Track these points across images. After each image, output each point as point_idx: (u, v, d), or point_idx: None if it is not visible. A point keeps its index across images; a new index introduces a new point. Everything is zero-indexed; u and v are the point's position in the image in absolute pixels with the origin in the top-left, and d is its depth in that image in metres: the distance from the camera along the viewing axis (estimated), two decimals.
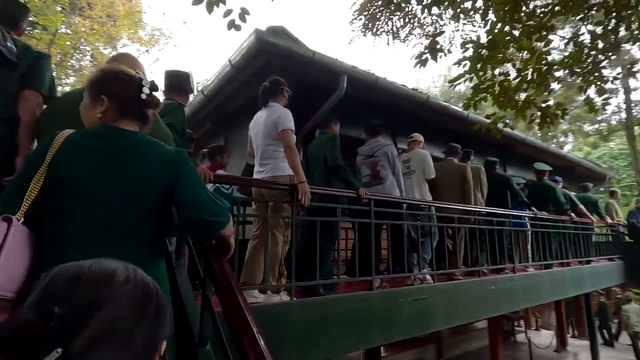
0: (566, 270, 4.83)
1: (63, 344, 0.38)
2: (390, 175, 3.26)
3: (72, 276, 0.45)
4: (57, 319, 0.40)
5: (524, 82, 3.70)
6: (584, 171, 9.13)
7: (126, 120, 1.09)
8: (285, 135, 2.48)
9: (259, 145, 2.61)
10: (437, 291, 3.02)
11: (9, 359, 0.38)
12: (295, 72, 3.65)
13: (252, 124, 2.76)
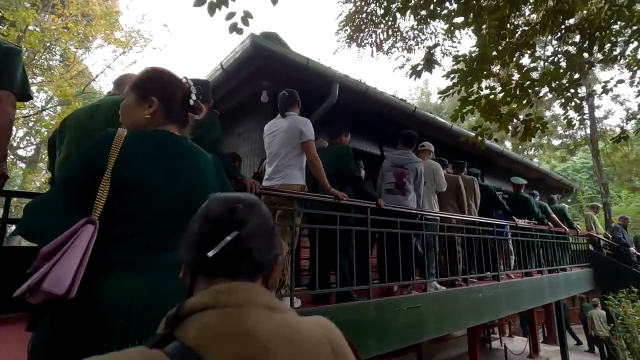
0: (544, 278, 5.02)
1: (238, 230, 0.61)
2: (412, 190, 3.32)
3: (236, 199, 0.67)
4: (235, 214, 0.63)
5: (508, 96, 3.86)
6: (554, 183, 9.60)
7: (172, 124, 1.09)
8: (310, 145, 2.55)
9: (275, 152, 2.63)
10: (429, 299, 3.04)
11: (209, 231, 0.62)
12: (288, 78, 3.64)
13: (268, 131, 2.76)
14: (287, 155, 2.56)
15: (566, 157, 15.13)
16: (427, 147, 4.01)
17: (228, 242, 0.59)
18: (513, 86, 3.80)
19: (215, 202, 0.66)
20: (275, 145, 2.63)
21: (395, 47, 8.46)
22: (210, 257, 0.58)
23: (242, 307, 0.55)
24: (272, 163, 2.63)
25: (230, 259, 0.60)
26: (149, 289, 0.89)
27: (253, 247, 0.62)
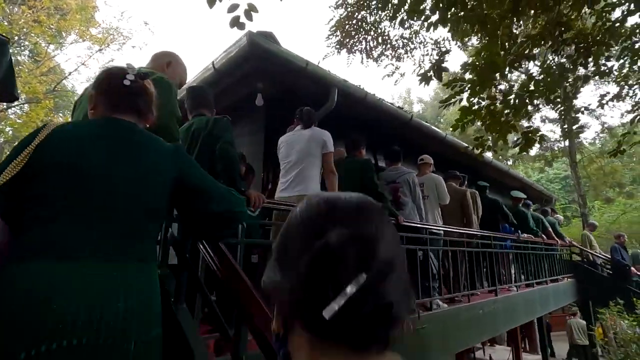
0: (536, 290, 5.00)
1: (365, 270, 0.39)
2: (410, 202, 3.29)
3: (357, 206, 0.46)
4: (370, 243, 0.41)
5: (507, 107, 3.82)
6: (536, 193, 9.80)
7: (121, 112, 1.05)
8: (331, 157, 2.58)
9: (294, 162, 2.59)
10: (434, 319, 2.87)
11: (323, 280, 0.38)
12: (286, 81, 3.44)
13: (284, 143, 2.75)
14: (308, 165, 2.53)
15: (544, 168, 15.65)
16: (427, 161, 4.00)
17: (357, 292, 0.37)
18: (513, 97, 3.76)
19: (327, 213, 0.44)
20: (294, 155, 2.60)
21: (385, 55, 8.43)
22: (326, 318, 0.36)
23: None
24: (289, 173, 2.58)
25: (362, 322, 0.38)
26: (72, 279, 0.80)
27: (394, 300, 0.40)
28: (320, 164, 2.58)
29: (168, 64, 1.75)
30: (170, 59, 1.78)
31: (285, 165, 2.66)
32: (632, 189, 13.67)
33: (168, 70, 1.73)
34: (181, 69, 1.82)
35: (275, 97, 3.60)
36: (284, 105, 3.83)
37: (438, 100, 27.85)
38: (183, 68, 1.84)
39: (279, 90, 3.55)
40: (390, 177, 3.46)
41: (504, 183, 8.05)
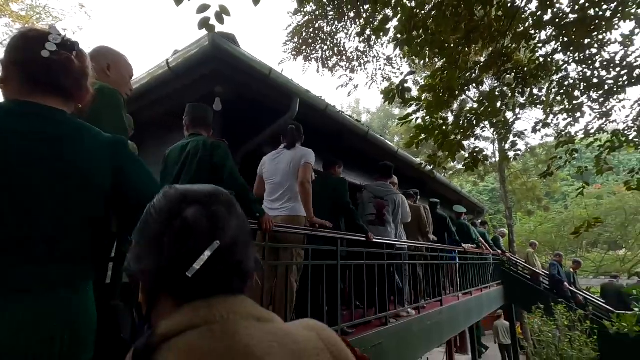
0: (474, 298, 5.37)
1: (220, 237, 0.51)
2: (392, 221, 3.43)
3: (209, 192, 0.56)
4: (217, 217, 0.52)
5: (457, 128, 4.07)
6: (471, 205, 10.63)
7: (40, 93, 0.85)
8: (308, 168, 2.60)
9: (278, 182, 2.62)
10: (389, 334, 2.92)
11: (184, 241, 0.49)
12: (247, 87, 3.28)
13: (268, 162, 2.77)
14: (292, 186, 2.57)
15: (477, 182, 17.15)
16: (393, 180, 4.14)
17: (213, 255, 0.48)
18: (462, 118, 4.02)
19: (182, 199, 0.53)
20: (278, 176, 2.64)
21: (340, 66, 8.57)
22: (190, 277, 0.47)
23: (229, 321, 0.47)
24: (274, 193, 2.63)
25: (218, 276, 0.50)
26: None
27: (242, 258, 0.53)
28: None
29: (109, 67, 1.48)
30: (110, 61, 1.49)
31: (270, 186, 2.69)
32: (547, 203, 15.59)
33: (111, 74, 1.47)
34: (126, 70, 1.56)
35: (235, 102, 3.43)
36: (244, 111, 3.67)
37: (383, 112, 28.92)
38: (128, 68, 1.58)
39: (239, 95, 3.39)
40: (379, 193, 3.53)
41: (446, 196, 8.60)
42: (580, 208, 15.67)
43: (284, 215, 2.50)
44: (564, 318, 5.54)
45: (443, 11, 3.36)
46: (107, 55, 1.51)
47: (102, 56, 1.49)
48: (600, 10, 3.99)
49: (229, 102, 3.40)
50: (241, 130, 3.72)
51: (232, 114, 3.58)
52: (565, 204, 19.48)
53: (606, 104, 4.95)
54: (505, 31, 4.05)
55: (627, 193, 13.89)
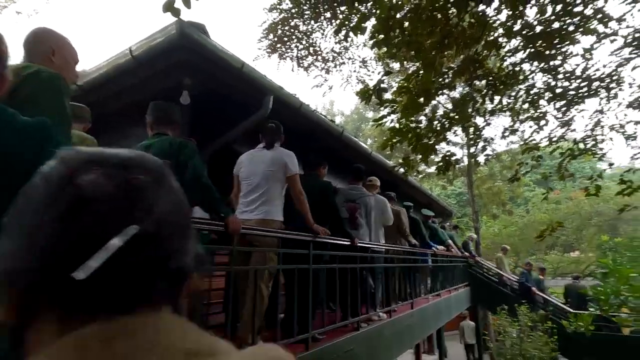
0: (443, 300, 5.44)
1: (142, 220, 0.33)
2: (364, 224, 3.37)
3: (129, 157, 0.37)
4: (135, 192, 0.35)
5: (431, 131, 4.10)
6: (440, 207, 10.87)
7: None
8: (296, 179, 2.53)
9: (256, 184, 2.51)
10: (361, 339, 2.85)
11: (76, 224, 0.31)
12: (218, 80, 3.13)
13: (246, 162, 2.65)
14: (270, 189, 2.48)
15: (446, 186, 17.65)
16: (375, 182, 4.16)
17: (126, 246, 0.31)
18: (436, 122, 4.06)
19: (83, 163, 0.35)
20: (255, 177, 2.53)
21: (315, 66, 8.51)
22: (81, 280, 0.29)
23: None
24: (250, 194, 2.52)
25: (132, 279, 0.33)
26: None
27: (173, 252, 0.35)
28: (282, 186, 2.55)
29: (53, 53, 1.33)
30: (54, 45, 1.34)
31: (246, 187, 2.58)
32: (510, 207, 16.33)
33: (55, 59, 1.33)
34: (71, 56, 1.42)
35: (204, 96, 3.25)
36: (214, 106, 3.50)
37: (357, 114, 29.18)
38: (73, 53, 1.43)
39: (209, 89, 3.22)
40: (351, 196, 3.48)
41: (416, 198, 8.73)
42: (540, 212, 16.54)
43: (259, 218, 2.39)
44: (527, 319, 5.76)
45: (419, 14, 3.37)
46: (50, 39, 1.35)
47: (44, 40, 1.33)
48: (564, 23, 4.15)
49: (198, 96, 3.23)
50: (211, 126, 3.54)
51: (201, 108, 3.40)
52: (527, 208, 20.52)
53: (568, 113, 5.17)
54: (478, 38, 4.12)
55: (583, 199, 14.86)
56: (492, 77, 4.56)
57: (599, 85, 4.89)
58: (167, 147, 1.91)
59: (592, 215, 14.63)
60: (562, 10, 4.03)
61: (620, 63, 4.73)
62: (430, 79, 3.17)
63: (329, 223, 2.89)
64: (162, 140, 1.98)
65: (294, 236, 2.40)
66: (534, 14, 4.14)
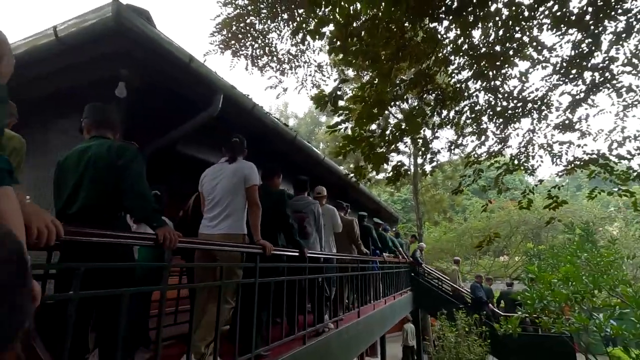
0: (388, 306, 5.54)
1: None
2: (314, 232, 3.41)
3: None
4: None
5: (383, 141, 4.15)
6: (387, 214, 11.21)
7: None
8: (255, 191, 2.53)
9: (218, 199, 2.51)
10: (308, 352, 2.74)
11: None
12: (160, 74, 2.84)
13: (208, 177, 2.63)
14: (232, 202, 2.48)
15: (393, 192, 18.31)
16: (323, 193, 4.22)
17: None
18: (388, 132, 4.11)
19: None
20: (218, 191, 2.52)
21: (270, 66, 8.30)
22: None
23: None
24: (213, 210, 2.50)
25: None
26: None
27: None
28: (245, 200, 2.54)
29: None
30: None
31: (209, 202, 2.55)
32: (451, 215, 17.44)
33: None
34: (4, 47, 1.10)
35: (145, 91, 2.95)
36: (156, 102, 3.19)
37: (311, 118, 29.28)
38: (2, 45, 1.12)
39: (151, 83, 2.92)
40: (297, 207, 3.53)
41: (366, 204, 8.89)
42: (476, 220, 17.83)
43: (222, 233, 2.39)
44: (463, 323, 6.09)
45: (377, 25, 3.38)
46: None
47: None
48: (505, 47, 4.44)
49: (139, 90, 2.91)
50: (152, 123, 3.23)
51: (140, 103, 3.08)
52: (464, 216, 22.06)
53: (505, 130, 5.56)
54: (429, 54, 4.27)
55: (512, 209, 16.32)
56: (441, 92, 4.77)
57: (532, 107, 5.31)
58: (105, 151, 1.79)
59: (519, 224, 16.12)
60: (503, 35, 4.30)
61: (549, 88, 5.18)
62: (385, 89, 3.18)
63: (281, 232, 2.91)
64: (100, 143, 1.84)
65: (245, 249, 2.28)
66: (479, 36, 4.40)
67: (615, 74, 4.94)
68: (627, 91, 5.16)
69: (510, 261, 17.32)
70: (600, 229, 14.01)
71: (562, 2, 4.12)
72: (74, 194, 1.71)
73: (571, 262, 5.74)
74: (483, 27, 4.35)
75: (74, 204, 1.69)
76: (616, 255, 6.48)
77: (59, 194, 1.79)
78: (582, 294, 5.34)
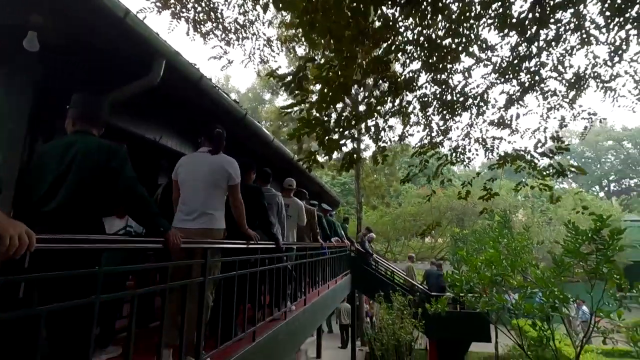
0: (330, 291, 5.60)
1: None
2: (277, 222, 3.43)
3: None
4: None
5: (337, 126, 4.04)
6: (329, 197, 11.32)
7: None
8: (237, 189, 2.55)
9: (195, 191, 2.43)
10: (258, 349, 2.59)
11: None
12: (85, 27, 2.34)
13: (186, 166, 2.54)
14: (210, 196, 2.42)
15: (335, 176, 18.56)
16: (293, 186, 4.42)
17: None
18: (344, 118, 4.01)
19: None
20: (198, 183, 2.44)
21: (215, 34, 7.60)
22: None
23: None
24: (190, 202, 2.41)
25: None
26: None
27: None
28: (224, 193, 2.52)
29: None
30: None
31: (186, 192, 2.45)
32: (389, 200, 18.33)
33: None
34: None
35: (63, 46, 2.41)
36: (78, 61, 2.65)
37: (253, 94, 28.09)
38: None
39: (71, 37, 2.40)
40: None
41: (309, 187, 8.82)
42: (410, 205, 19.03)
43: (202, 228, 2.32)
44: (400, 304, 6.46)
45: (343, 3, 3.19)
46: None
47: None
48: (453, 42, 4.56)
49: (54, 44, 2.37)
50: (72, 87, 2.68)
51: (56, 62, 2.53)
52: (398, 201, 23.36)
53: (448, 123, 5.81)
54: (387, 40, 4.20)
55: (441, 195, 17.71)
56: (395, 81, 4.78)
57: (472, 102, 5.59)
58: (95, 150, 1.73)
59: (447, 209, 17.59)
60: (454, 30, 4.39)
61: (487, 86, 5.48)
62: (352, 73, 3.04)
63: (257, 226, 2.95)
64: (88, 140, 1.77)
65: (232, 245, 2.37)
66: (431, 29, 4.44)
67: (544, 78, 5.37)
68: (551, 95, 5.66)
69: (437, 243, 18.89)
70: (513, 216, 15.92)
71: (507, 5, 4.32)
72: (53, 189, 1.60)
73: (494, 247, 6.34)
74: (435, 20, 4.40)
75: (52, 201, 1.57)
76: (528, 241, 7.35)
77: (34, 187, 1.64)
78: (502, 276, 5.97)
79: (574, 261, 5.63)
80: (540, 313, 5.49)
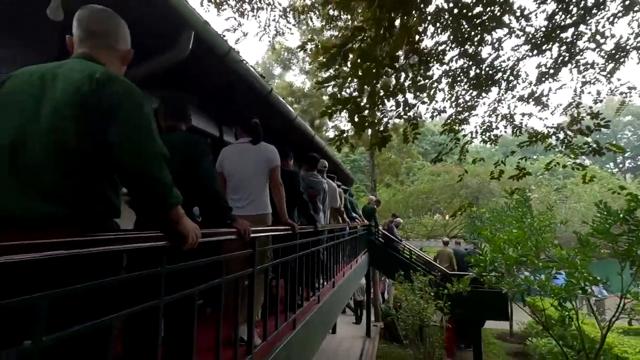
0: (352, 271, 5.56)
1: None
2: (321, 209, 3.64)
3: None
4: None
5: (369, 103, 3.83)
6: (344, 175, 11.21)
7: None
8: (278, 171, 2.68)
9: (244, 180, 2.60)
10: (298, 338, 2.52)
11: None
12: None
13: (232, 157, 2.68)
14: (258, 183, 2.59)
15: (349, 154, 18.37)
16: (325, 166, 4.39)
17: None
18: (376, 95, 3.79)
19: None
20: (244, 172, 2.61)
21: (228, 5, 7.24)
22: None
23: None
24: (239, 191, 2.59)
25: None
26: None
27: None
28: (267, 179, 2.66)
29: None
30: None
31: (233, 182, 2.62)
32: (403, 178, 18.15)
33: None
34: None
35: None
36: None
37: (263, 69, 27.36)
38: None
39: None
40: (311, 184, 3.74)
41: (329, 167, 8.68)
42: (423, 183, 18.83)
43: (255, 214, 2.48)
44: (421, 284, 6.44)
45: None
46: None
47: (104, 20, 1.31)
48: (485, 11, 4.23)
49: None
50: None
51: None
52: (412, 179, 23.12)
53: (478, 98, 5.52)
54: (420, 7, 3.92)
55: (457, 173, 17.44)
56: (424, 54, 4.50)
57: (501, 76, 5.27)
58: (178, 143, 1.79)
59: (462, 187, 17.33)
60: None
61: (518, 59, 5.14)
62: (401, 44, 2.81)
63: (296, 208, 3.15)
64: (183, 137, 1.89)
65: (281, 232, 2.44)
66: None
67: (581, 49, 5.00)
68: (587, 68, 5.29)
69: (450, 221, 18.84)
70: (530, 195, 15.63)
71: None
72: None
73: (519, 227, 6.18)
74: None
75: None
76: (552, 220, 7.18)
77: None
78: (526, 256, 5.85)
79: (601, 242, 5.47)
80: (567, 294, 5.40)
